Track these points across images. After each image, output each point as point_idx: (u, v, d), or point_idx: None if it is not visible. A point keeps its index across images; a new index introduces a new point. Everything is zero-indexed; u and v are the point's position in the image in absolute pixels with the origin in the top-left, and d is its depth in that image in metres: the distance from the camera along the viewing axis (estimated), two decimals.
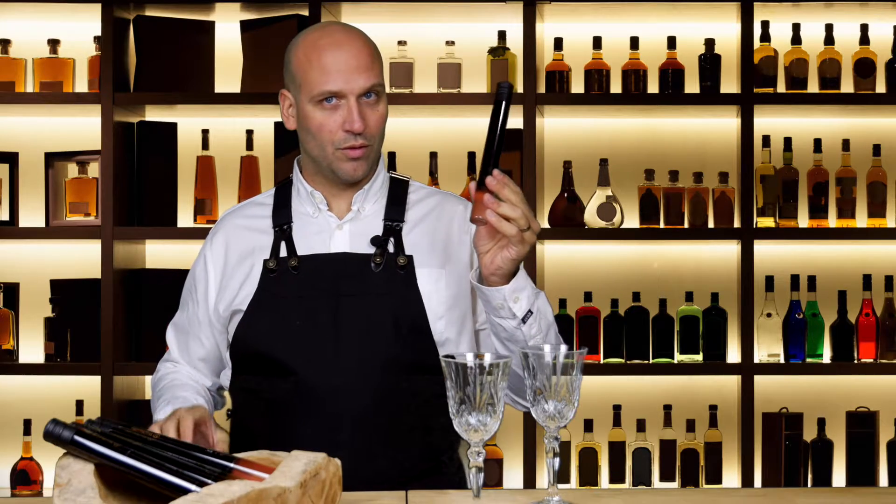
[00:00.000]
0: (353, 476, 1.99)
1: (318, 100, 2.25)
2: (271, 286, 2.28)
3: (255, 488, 1.52)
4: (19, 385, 4.12)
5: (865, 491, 2.06)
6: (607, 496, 1.96)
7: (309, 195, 2.33)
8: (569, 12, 4.06)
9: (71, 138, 4.14)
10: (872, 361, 4.00)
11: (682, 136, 4.21)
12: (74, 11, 4.03)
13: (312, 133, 2.27)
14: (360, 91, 2.24)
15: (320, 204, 2.33)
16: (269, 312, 2.27)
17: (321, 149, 2.27)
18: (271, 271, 2.28)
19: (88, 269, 4.04)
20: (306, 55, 2.27)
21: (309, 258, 2.29)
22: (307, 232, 2.32)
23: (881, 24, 4.10)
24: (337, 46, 2.25)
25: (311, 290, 2.26)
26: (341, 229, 2.32)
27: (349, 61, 2.24)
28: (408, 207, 2.36)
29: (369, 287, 2.26)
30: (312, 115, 2.26)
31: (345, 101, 2.25)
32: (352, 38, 2.27)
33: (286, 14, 4.00)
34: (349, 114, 2.24)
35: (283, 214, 2.34)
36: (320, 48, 2.26)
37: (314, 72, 2.25)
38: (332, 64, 2.24)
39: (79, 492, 1.58)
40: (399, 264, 2.28)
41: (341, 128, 2.25)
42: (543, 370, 1.77)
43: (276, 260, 2.29)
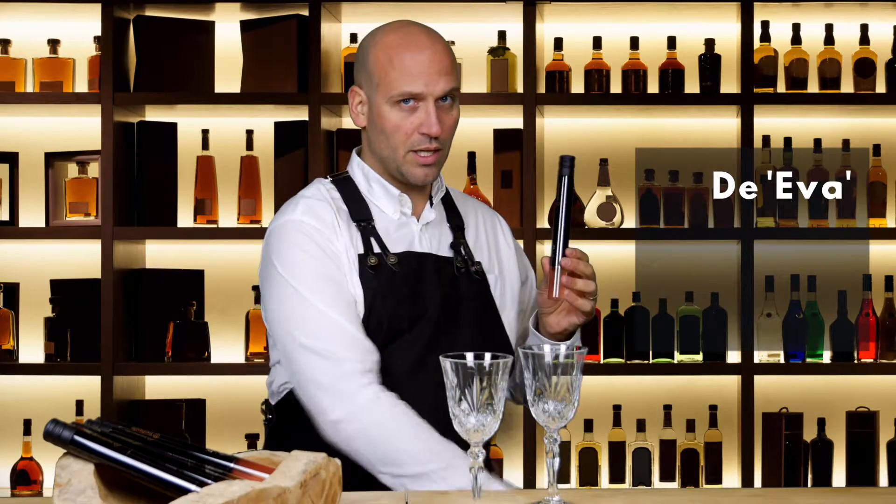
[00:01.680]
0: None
1: (395, 100, 2.23)
2: (373, 283, 2.23)
3: (255, 488, 1.52)
4: (19, 385, 4.12)
5: (865, 491, 2.06)
6: (607, 496, 1.95)
7: (395, 197, 2.30)
8: (569, 12, 4.06)
9: (71, 138, 4.14)
10: (872, 361, 4.00)
11: (682, 136, 4.21)
12: (74, 11, 4.03)
13: (387, 133, 2.25)
14: (439, 94, 2.24)
15: (405, 208, 2.31)
16: (379, 313, 2.22)
17: (393, 150, 2.26)
18: (371, 267, 2.24)
19: (88, 269, 4.04)
20: (387, 55, 2.24)
21: (406, 256, 2.26)
22: (391, 231, 2.29)
23: (881, 24, 4.10)
24: (419, 48, 2.24)
25: (414, 290, 2.24)
26: (423, 232, 2.32)
27: (431, 64, 2.23)
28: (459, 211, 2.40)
29: (459, 291, 2.27)
30: (388, 115, 2.24)
31: (423, 104, 2.23)
32: (434, 41, 2.27)
33: (286, 14, 4.00)
34: (427, 117, 2.23)
35: (361, 209, 2.29)
36: (402, 49, 2.24)
37: (395, 72, 2.23)
38: (413, 65, 2.22)
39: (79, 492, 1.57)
40: (475, 270, 2.32)
41: (417, 130, 2.24)
42: (543, 370, 1.77)
43: (375, 257, 2.24)
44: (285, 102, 3.98)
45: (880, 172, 4.07)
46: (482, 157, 4.08)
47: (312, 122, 3.93)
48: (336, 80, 4.10)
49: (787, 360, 4.00)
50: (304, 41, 3.97)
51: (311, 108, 3.93)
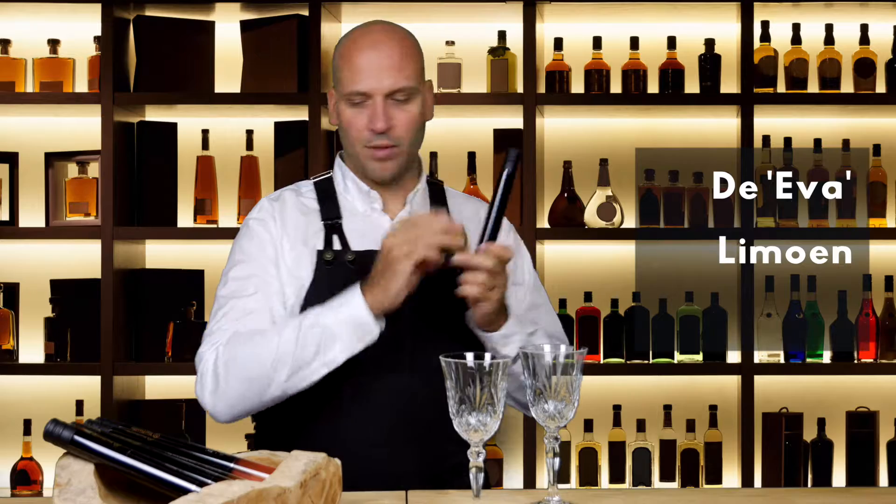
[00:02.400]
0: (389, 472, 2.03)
1: (348, 98, 2.28)
2: (326, 277, 2.26)
3: (255, 488, 1.52)
4: (19, 385, 4.12)
5: (865, 491, 2.06)
6: (607, 496, 1.96)
7: (365, 194, 2.34)
8: (569, 12, 4.06)
9: (71, 138, 4.14)
10: (872, 361, 4.00)
11: (682, 136, 4.21)
12: (74, 11, 4.03)
13: (344, 130, 2.31)
14: (385, 91, 2.26)
15: (376, 203, 2.34)
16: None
17: (352, 146, 2.31)
18: (327, 262, 2.27)
19: (88, 269, 4.04)
20: (342, 54, 2.31)
21: (366, 254, 2.27)
22: (359, 228, 2.32)
23: (881, 24, 4.10)
24: (371, 46, 2.28)
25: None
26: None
27: (380, 61, 2.27)
28: (450, 210, 2.39)
29: (426, 288, 2.24)
30: (345, 113, 2.30)
31: (371, 101, 2.27)
32: (388, 38, 2.31)
33: (286, 14, 4.00)
34: (373, 113, 2.26)
35: (331, 208, 2.34)
36: (356, 48, 2.29)
37: (347, 70, 2.29)
38: (362, 63, 2.27)
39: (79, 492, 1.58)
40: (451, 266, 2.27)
41: (367, 126, 2.27)
42: (543, 370, 1.77)
43: (332, 252, 2.28)
44: (285, 102, 3.98)
45: (880, 172, 4.07)
46: (482, 157, 4.08)
47: (312, 122, 3.93)
48: None
49: (787, 360, 4.00)
50: (304, 41, 3.97)
51: (311, 108, 3.93)
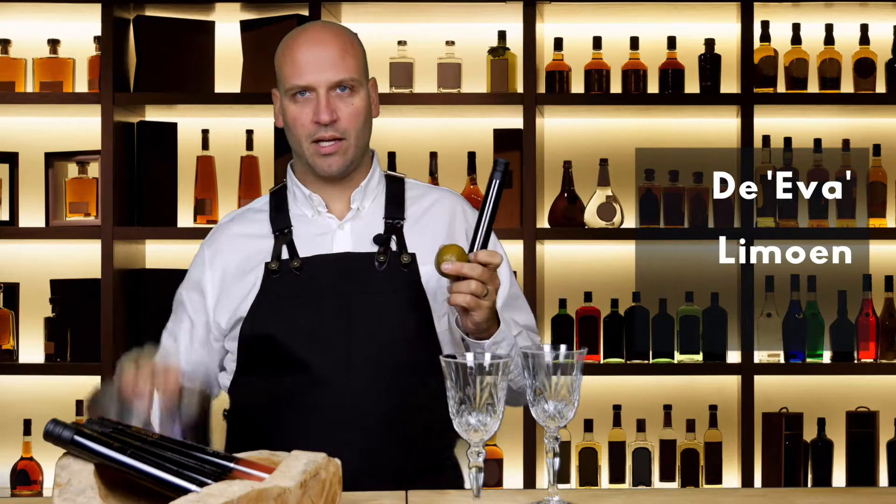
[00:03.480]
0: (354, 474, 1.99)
1: (291, 94, 2.29)
2: (274, 286, 2.28)
3: (255, 488, 1.52)
4: (19, 385, 4.12)
5: (865, 491, 2.06)
6: (607, 496, 1.96)
7: (307, 198, 2.34)
8: (569, 12, 4.06)
9: (71, 138, 4.14)
10: (872, 361, 4.00)
11: (682, 136, 4.21)
12: (74, 11, 4.03)
13: (289, 126, 2.32)
14: (328, 84, 2.28)
15: (319, 206, 2.34)
16: (274, 311, 2.27)
17: (298, 143, 2.31)
18: (273, 272, 2.29)
19: (88, 269, 4.04)
20: (283, 52, 2.32)
21: (311, 259, 2.29)
22: (308, 234, 2.33)
23: (881, 24, 4.10)
24: (310, 42, 2.30)
25: (315, 290, 2.26)
26: (342, 229, 2.33)
27: (319, 55, 2.28)
28: (407, 205, 2.37)
29: (374, 286, 2.26)
30: (288, 110, 2.31)
31: (313, 94, 2.28)
32: (326, 34, 2.31)
33: (286, 14, 4.00)
34: (317, 106, 2.27)
35: (282, 219, 2.35)
36: (295, 45, 2.30)
37: (287, 67, 2.30)
38: (302, 58, 2.28)
39: (79, 492, 1.58)
40: (403, 262, 2.29)
41: (312, 119, 2.28)
42: (543, 370, 1.77)
43: (278, 262, 2.29)
44: None
45: (880, 172, 4.07)
46: (482, 157, 4.08)
47: None
48: None
49: (787, 360, 4.00)
50: None
51: None
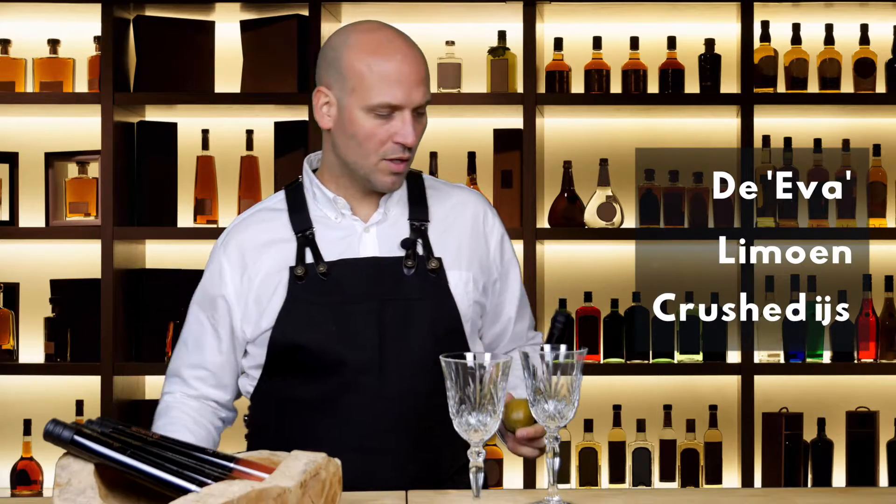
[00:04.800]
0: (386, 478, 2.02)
1: (373, 108, 2.17)
2: (302, 293, 2.21)
3: (255, 488, 1.52)
4: (19, 385, 4.12)
5: (865, 491, 2.06)
6: (607, 496, 1.96)
7: (330, 200, 2.27)
8: (569, 12, 4.06)
9: (71, 138, 4.14)
10: (872, 361, 4.00)
11: (682, 136, 4.21)
12: (74, 11, 4.03)
13: (359, 140, 2.19)
14: (417, 105, 2.18)
15: (343, 209, 2.26)
16: (303, 318, 2.21)
17: (364, 156, 2.20)
18: (299, 278, 2.21)
19: (88, 269, 4.04)
20: (365, 60, 2.18)
21: (338, 264, 2.22)
22: (332, 237, 2.25)
23: (881, 24, 4.10)
24: (400, 57, 2.18)
25: (344, 295, 2.21)
26: (368, 233, 2.26)
27: (411, 74, 2.17)
28: (429, 204, 2.31)
29: (404, 291, 2.22)
30: (363, 123, 2.18)
31: (399, 113, 2.18)
32: (411, 47, 2.21)
33: (286, 14, 4.00)
34: (403, 126, 2.17)
35: (302, 219, 2.26)
36: (382, 56, 2.18)
37: (374, 79, 2.16)
38: (394, 75, 2.16)
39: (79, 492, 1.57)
40: (430, 268, 2.24)
41: (392, 139, 2.18)
42: (543, 370, 1.77)
43: (303, 267, 2.22)
44: (285, 102, 3.98)
45: (880, 172, 4.07)
46: (482, 157, 4.08)
47: (312, 122, 3.93)
48: None
49: (787, 360, 4.00)
50: (304, 41, 3.97)
51: (311, 108, 3.92)
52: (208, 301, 2.32)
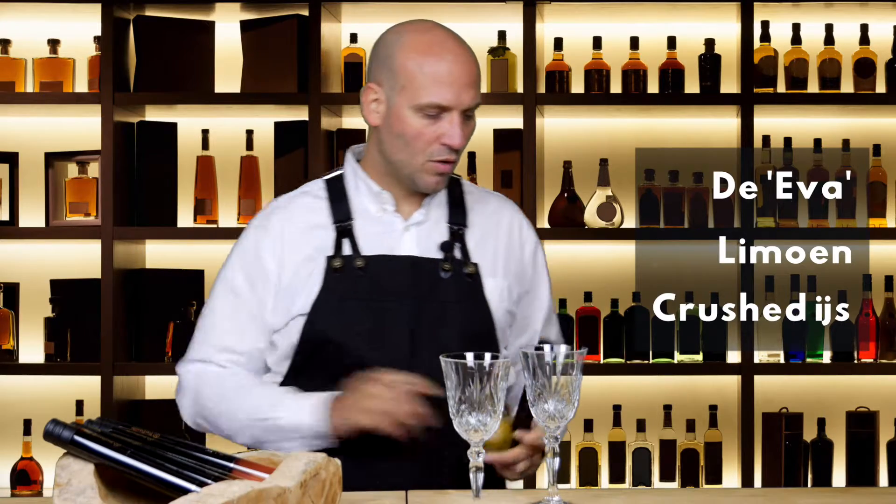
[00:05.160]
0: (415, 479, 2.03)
1: (421, 108, 2.17)
2: (337, 285, 2.20)
3: (255, 488, 1.52)
4: (19, 385, 4.12)
5: (865, 491, 2.06)
6: (607, 496, 1.96)
7: (375, 195, 2.25)
8: (569, 12, 4.06)
9: (71, 138, 4.14)
10: (872, 361, 4.00)
11: (682, 136, 4.21)
12: (74, 11, 4.03)
13: (406, 139, 2.19)
14: (466, 107, 2.18)
15: (387, 205, 2.25)
16: (337, 311, 2.19)
17: (410, 156, 2.19)
18: (336, 269, 2.20)
19: (88, 269, 4.04)
20: (417, 60, 2.18)
21: (376, 259, 2.21)
22: (371, 231, 2.24)
23: (881, 24, 4.10)
24: (452, 58, 2.18)
25: (380, 291, 2.20)
26: (408, 231, 2.25)
27: (462, 76, 2.17)
28: (467, 208, 2.31)
29: (440, 294, 2.21)
30: (411, 122, 2.18)
31: (448, 115, 2.17)
32: (463, 49, 2.21)
33: (286, 14, 4.00)
34: (451, 128, 2.17)
35: (342, 210, 2.25)
36: (434, 56, 2.18)
37: (425, 79, 2.16)
38: (445, 76, 2.16)
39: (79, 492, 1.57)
40: (467, 272, 2.24)
41: (439, 140, 2.18)
42: (543, 370, 1.77)
43: (341, 259, 2.21)
44: (285, 102, 3.98)
45: (880, 172, 4.07)
46: (482, 157, 4.08)
47: (312, 122, 3.93)
48: (336, 80, 4.10)
49: (787, 360, 4.00)
50: (304, 41, 3.97)
51: (311, 108, 3.93)
52: (243, 279, 2.26)
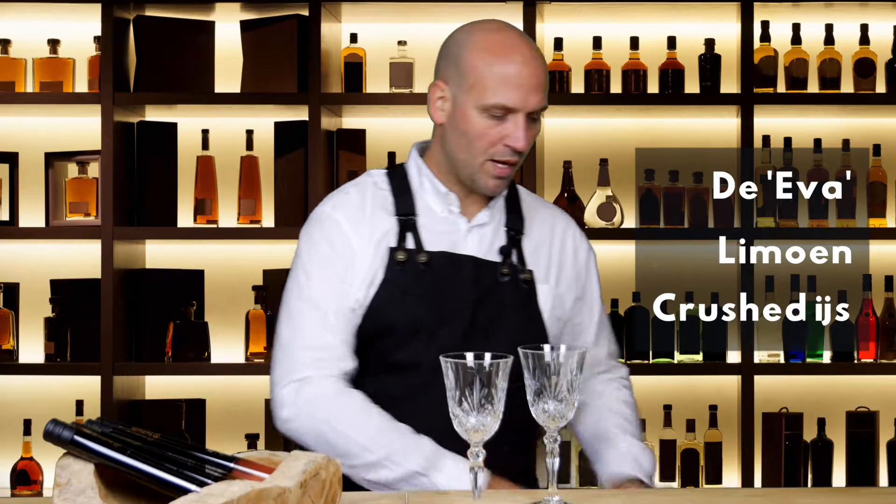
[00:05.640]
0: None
1: (487, 108, 2.16)
2: (399, 278, 2.19)
3: (255, 488, 1.52)
4: (19, 385, 4.12)
5: (865, 491, 2.06)
6: (607, 496, 1.95)
7: (443, 196, 2.25)
8: (569, 12, 4.06)
9: (71, 138, 4.14)
10: (872, 361, 4.00)
11: (682, 136, 4.21)
12: (74, 11, 4.03)
13: (469, 137, 2.18)
14: (531, 110, 2.17)
15: (452, 206, 2.25)
16: (396, 304, 2.18)
17: (472, 155, 2.19)
18: (398, 263, 2.19)
19: (88, 269, 4.04)
20: (486, 60, 2.17)
21: (438, 255, 2.21)
22: (434, 228, 2.24)
23: (881, 24, 4.10)
24: (521, 60, 2.16)
25: (439, 288, 2.20)
26: (471, 233, 2.25)
27: (530, 79, 2.16)
28: (524, 215, 2.31)
29: (496, 297, 2.21)
30: (476, 121, 2.17)
31: (513, 116, 2.16)
32: (533, 51, 2.19)
33: (286, 14, 4.00)
34: (516, 130, 2.16)
35: (406, 203, 2.24)
36: (503, 57, 2.16)
37: (493, 80, 2.16)
38: (513, 77, 2.15)
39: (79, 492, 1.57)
40: (523, 279, 2.24)
41: (502, 141, 2.17)
42: (543, 370, 1.77)
43: (405, 252, 2.20)
44: (285, 102, 3.98)
45: (880, 172, 4.07)
46: None
47: (312, 122, 3.93)
48: (336, 80, 4.10)
49: (787, 360, 4.00)
50: (304, 41, 3.97)
51: (311, 108, 3.93)
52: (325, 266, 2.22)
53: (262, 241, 4.03)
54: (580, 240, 2.38)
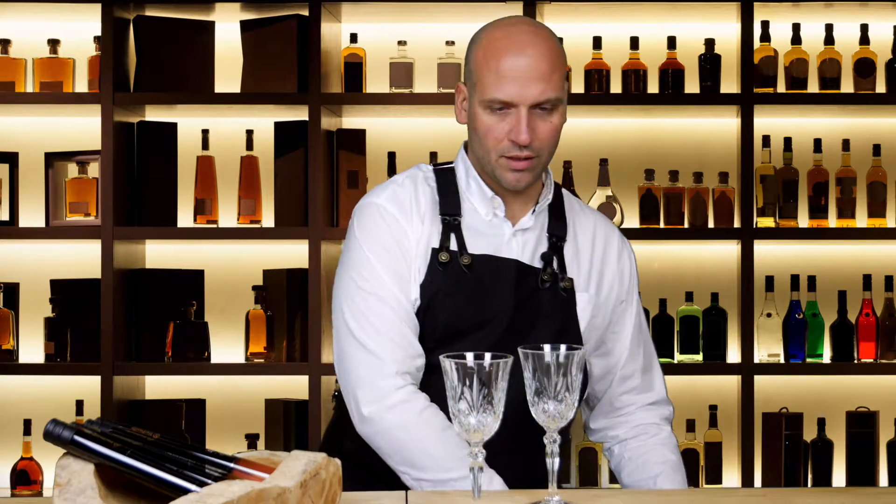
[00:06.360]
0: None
1: (488, 104, 2.15)
2: (441, 280, 2.18)
3: (255, 488, 1.52)
4: (19, 385, 4.12)
5: (865, 491, 2.06)
6: (607, 496, 1.95)
7: (488, 200, 2.23)
8: (569, 12, 4.06)
9: (71, 138, 4.14)
10: (872, 361, 4.00)
11: (682, 136, 4.21)
12: (74, 11, 4.03)
13: (480, 135, 2.18)
14: (531, 102, 2.13)
15: (498, 210, 2.23)
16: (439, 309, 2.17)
17: (486, 152, 2.18)
18: (441, 263, 2.18)
19: (88, 269, 4.04)
20: (485, 55, 2.16)
21: (481, 258, 2.19)
22: (478, 230, 2.22)
23: (881, 24, 4.10)
24: (517, 51, 2.14)
25: (480, 290, 2.18)
26: (515, 237, 2.23)
27: (527, 71, 2.13)
28: (567, 221, 2.29)
29: (536, 303, 2.19)
30: (481, 118, 2.17)
31: (514, 110, 2.14)
32: (535, 43, 2.15)
33: (286, 14, 4.00)
34: (517, 124, 2.14)
35: (452, 203, 2.22)
36: (499, 50, 2.15)
37: (490, 75, 2.14)
38: (507, 70, 2.13)
39: (79, 492, 1.57)
40: (563, 286, 2.22)
41: (507, 136, 2.15)
42: (543, 370, 1.77)
43: (447, 253, 2.18)
44: (285, 102, 3.98)
45: (880, 172, 4.07)
46: None
47: (312, 122, 3.93)
48: (336, 80, 4.10)
49: (787, 360, 4.00)
50: (304, 41, 3.97)
51: (311, 108, 3.93)
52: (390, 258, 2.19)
53: (262, 241, 4.03)
54: (622, 248, 2.35)
